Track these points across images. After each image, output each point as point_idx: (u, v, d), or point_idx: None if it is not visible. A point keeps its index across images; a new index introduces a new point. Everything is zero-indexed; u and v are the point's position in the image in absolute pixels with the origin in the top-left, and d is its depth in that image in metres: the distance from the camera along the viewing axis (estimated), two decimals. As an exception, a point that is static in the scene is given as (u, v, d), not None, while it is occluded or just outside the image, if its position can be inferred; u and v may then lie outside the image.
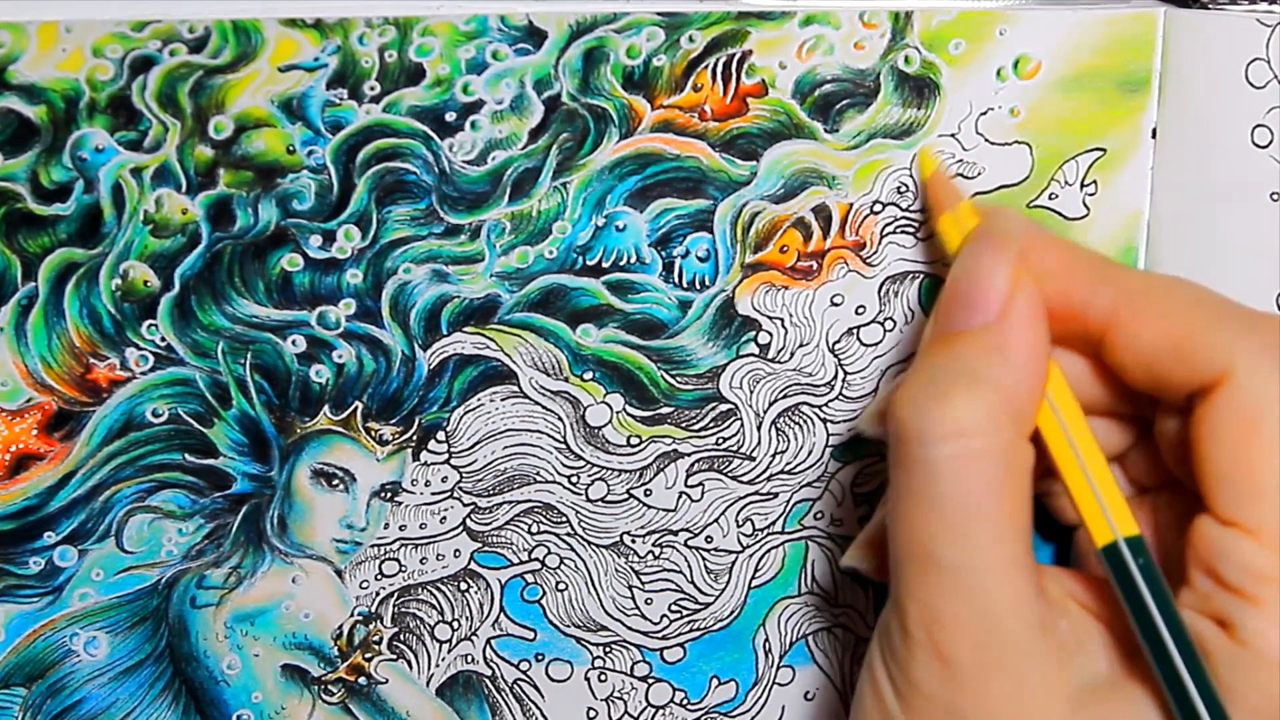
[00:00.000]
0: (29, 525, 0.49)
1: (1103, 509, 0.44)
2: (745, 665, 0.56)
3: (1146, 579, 0.42)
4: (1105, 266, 0.46)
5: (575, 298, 0.51)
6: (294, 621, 0.52)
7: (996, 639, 0.42)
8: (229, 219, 0.48)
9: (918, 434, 0.42)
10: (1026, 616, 0.42)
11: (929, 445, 0.42)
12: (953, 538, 0.42)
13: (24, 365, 0.48)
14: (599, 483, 0.53)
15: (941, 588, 0.42)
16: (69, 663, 0.51)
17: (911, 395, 0.43)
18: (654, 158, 0.50)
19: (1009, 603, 0.42)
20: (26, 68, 0.45)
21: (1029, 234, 0.46)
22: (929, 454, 0.42)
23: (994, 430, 0.42)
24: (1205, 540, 0.42)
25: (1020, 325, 0.44)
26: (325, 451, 0.51)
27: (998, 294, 0.44)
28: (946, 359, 0.44)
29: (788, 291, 0.53)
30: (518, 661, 0.55)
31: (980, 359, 0.43)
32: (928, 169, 0.52)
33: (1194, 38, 0.52)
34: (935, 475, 0.42)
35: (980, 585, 0.42)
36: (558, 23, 0.48)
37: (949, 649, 0.42)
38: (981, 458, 0.42)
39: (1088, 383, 0.47)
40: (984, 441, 0.42)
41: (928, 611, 0.42)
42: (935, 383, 0.43)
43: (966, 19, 0.51)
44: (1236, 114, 0.52)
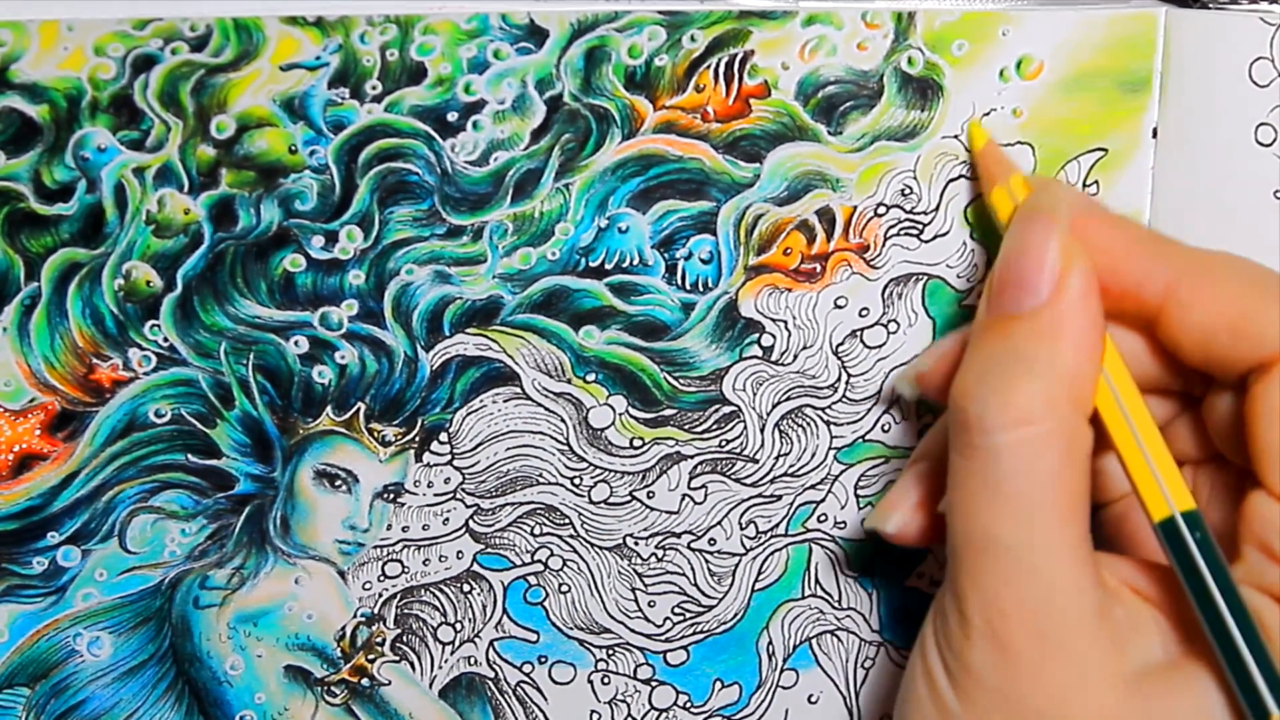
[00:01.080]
0: (32, 525, 0.49)
1: (1160, 484, 0.44)
2: (748, 668, 0.56)
3: (1204, 554, 0.42)
4: (1160, 242, 0.46)
5: (578, 299, 0.51)
6: (297, 622, 0.52)
7: (1057, 626, 0.42)
8: (231, 219, 0.48)
9: (979, 422, 0.42)
10: (1086, 603, 0.42)
11: (992, 433, 0.42)
12: (1016, 524, 0.42)
13: (27, 365, 0.48)
14: (602, 485, 0.53)
15: (1003, 574, 0.42)
16: (72, 663, 0.51)
17: (970, 382, 0.43)
18: (657, 159, 0.50)
19: (1070, 589, 0.42)
20: (28, 66, 0.45)
21: (1080, 207, 0.46)
22: (992, 441, 0.42)
23: (1055, 415, 0.42)
24: (1259, 516, 0.43)
25: (1074, 306, 0.43)
26: (328, 452, 0.51)
27: (1050, 273, 0.44)
28: (1003, 344, 0.44)
29: (791, 294, 0.52)
30: (520, 664, 0.54)
31: (1037, 343, 0.43)
32: (980, 140, 0.51)
33: (1197, 37, 0.52)
34: (998, 462, 0.42)
35: (1043, 572, 0.42)
36: (559, 21, 0.48)
37: (1009, 635, 0.42)
38: (1044, 443, 0.42)
39: (1140, 358, 0.47)
40: (1046, 427, 0.42)
41: (988, 598, 0.42)
42: (993, 369, 0.43)
43: (969, 20, 0.51)
44: (1240, 113, 0.52)
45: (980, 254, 0.53)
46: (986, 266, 0.53)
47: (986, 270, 0.53)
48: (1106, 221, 0.46)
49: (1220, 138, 0.52)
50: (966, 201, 0.52)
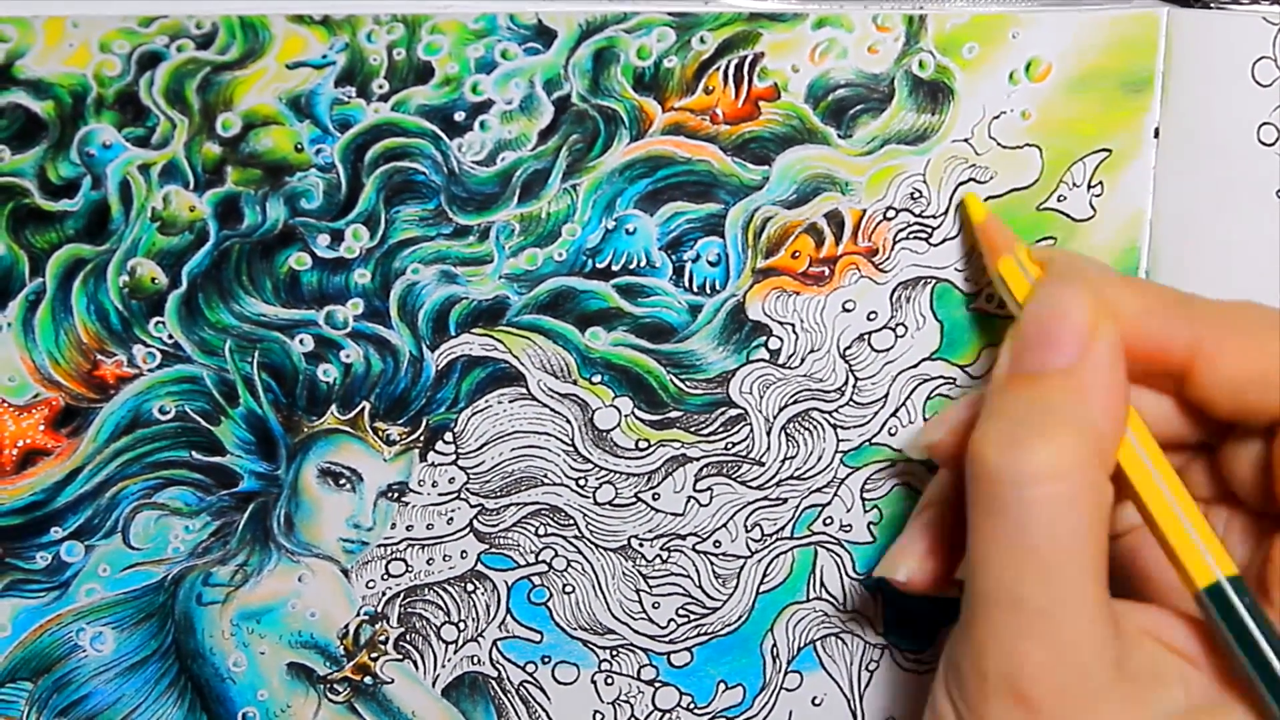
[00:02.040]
0: (36, 520, 0.49)
1: (1202, 550, 0.43)
2: (753, 670, 0.56)
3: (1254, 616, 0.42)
4: (1183, 301, 0.46)
5: (584, 300, 0.51)
6: (300, 620, 0.52)
7: (1079, 682, 0.41)
8: (237, 217, 0.48)
9: (1008, 475, 0.42)
10: (1108, 657, 0.42)
11: (1019, 488, 0.41)
12: (1041, 580, 0.41)
13: (31, 361, 0.48)
14: (607, 486, 0.53)
15: (1026, 630, 0.42)
16: (75, 658, 0.51)
17: (996, 438, 0.43)
18: (665, 161, 0.50)
19: (1094, 646, 0.41)
20: (34, 63, 0.45)
21: (1102, 275, 0.46)
22: (1021, 496, 0.41)
23: (1082, 473, 0.42)
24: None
25: (1102, 367, 0.43)
26: (332, 451, 0.51)
27: (1078, 335, 0.44)
28: (1029, 401, 0.44)
29: (799, 297, 0.52)
30: (524, 663, 0.54)
31: (1065, 402, 0.43)
32: (980, 213, 0.51)
33: (1199, 37, 0.51)
34: (1025, 518, 0.41)
35: (1066, 628, 0.41)
36: (567, 22, 0.48)
37: (1030, 692, 0.41)
38: (1071, 500, 0.41)
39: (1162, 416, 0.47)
40: (1073, 484, 0.41)
41: (1008, 654, 0.42)
42: (1021, 425, 0.43)
43: (980, 22, 0.50)
44: (1242, 112, 0.52)
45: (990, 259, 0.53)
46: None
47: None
48: (1129, 286, 0.46)
49: (1222, 137, 0.52)
50: (976, 205, 0.52)
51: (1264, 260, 0.52)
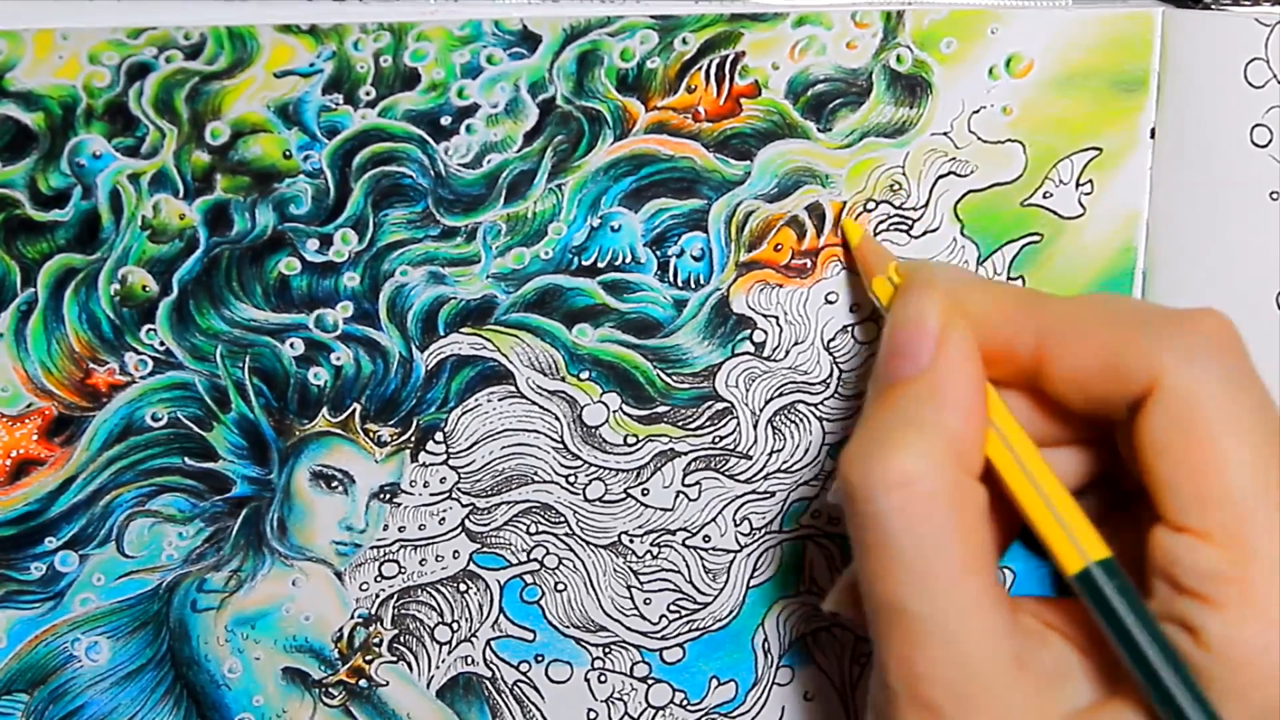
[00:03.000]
0: (30, 530, 0.49)
1: (1070, 536, 0.43)
2: (745, 665, 0.56)
3: (1124, 600, 0.42)
4: (1031, 299, 0.46)
5: (571, 298, 0.51)
6: (294, 624, 0.52)
7: (974, 682, 0.41)
8: (226, 224, 0.48)
9: (864, 488, 0.42)
10: (1001, 654, 0.42)
11: (876, 498, 0.42)
12: (914, 586, 0.41)
13: (24, 370, 0.48)
14: (596, 482, 0.53)
15: (912, 638, 0.42)
16: (71, 668, 0.51)
17: (855, 452, 0.43)
18: (648, 159, 0.51)
19: (981, 643, 0.41)
20: (23, 74, 0.45)
21: (955, 280, 0.47)
22: (878, 507, 0.42)
23: (938, 473, 0.42)
24: (1160, 548, 0.42)
25: (952, 366, 0.44)
26: (324, 453, 0.51)
27: (929, 339, 0.44)
28: (885, 411, 0.44)
29: (782, 290, 0.53)
30: (517, 663, 0.55)
31: (917, 405, 0.43)
32: (855, 235, 0.52)
33: (1193, 37, 0.52)
34: (887, 526, 0.42)
35: (949, 630, 0.41)
36: (551, 26, 0.49)
37: (931, 699, 0.42)
38: (929, 502, 0.41)
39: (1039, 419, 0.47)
40: (929, 485, 0.41)
41: (904, 664, 0.42)
42: (876, 436, 0.43)
43: (958, 18, 0.51)
44: (1236, 114, 0.52)
45: (971, 250, 0.53)
46: (977, 263, 0.53)
47: (976, 268, 0.53)
48: (979, 288, 0.46)
49: (1216, 139, 0.52)
50: (957, 198, 0.53)
51: (1259, 261, 0.53)
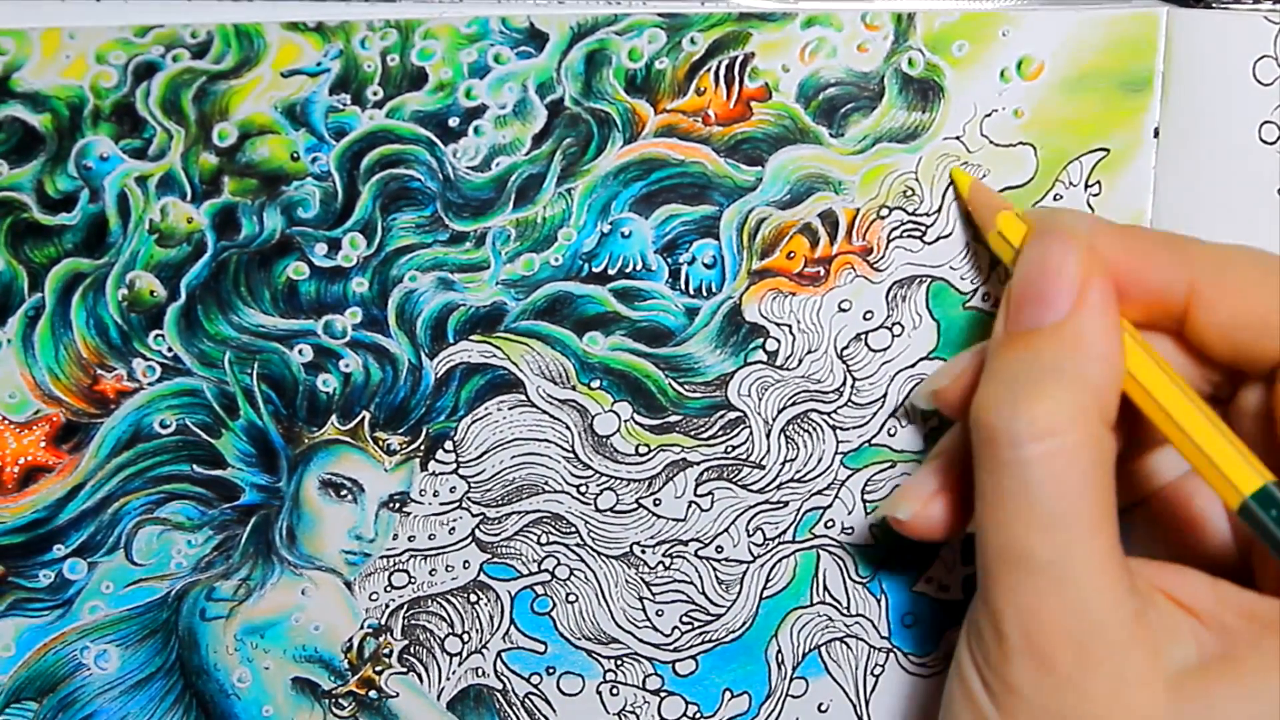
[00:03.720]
0: (38, 538, 0.49)
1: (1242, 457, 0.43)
2: (758, 677, 0.56)
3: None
4: (1179, 244, 0.46)
5: (581, 305, 0.51)
6: (304, 634, 0.52)
7: (1095, 635, 0.42)
8: (234, 227, 0.48)
9: (1007, 435, 0.42)
10: (1122, 610, 0.42)
11: (1019, 446, 0.42)
12: (1048, 536, 0.42)
13: (31, 377, 0.48)
14: (608, 492, 0.53)
15: (1038, 588, 0.42)
16: (80, 676, 0.51)
17: (995, 397, 0.43)
18: (658, 163, 0.50)
19: (1106, 598, 0.42)
20: (30, 75, 0.45)
21: (1094, 226, 0.47)
22: (1020, 455, 0.42)
23: (1082, 425, 0.42)
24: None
25: (1094, 319, 0.44)
26: (333, 461, 0.51)
27: (1069, 288, 0.44)
28: (1026, 358, 0.44)
29: (795, 298, 0.52)
30: (529, 675, 0.54)
31: (1060, 355, 0.43)
32: (965, 184, 0.52)
33: (1199, 36, 0.52)
34: (1027, 475, 0.42)
35: (1077, 582, 0.42)
36: (559, 25, 0.48)
37: (1048, 649, 0.42)
38: (1072, 454, 0.42)
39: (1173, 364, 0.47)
40: (1074, 437, 0.42)
41: (1024, 613, 0.42)
42: (1018, 383, 0.43)
43: (969, 20, 0.51)
44: (1244, 111, 0.52)
45: (984, 255, 0.53)
46: (990, 268, 0.53)
47: (990, 272, 0.53)
48: (1121, 233, 0.46)
49: (1223, 136, 0.52)
50: (969, 203, 0.53)
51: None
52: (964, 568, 0.56)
